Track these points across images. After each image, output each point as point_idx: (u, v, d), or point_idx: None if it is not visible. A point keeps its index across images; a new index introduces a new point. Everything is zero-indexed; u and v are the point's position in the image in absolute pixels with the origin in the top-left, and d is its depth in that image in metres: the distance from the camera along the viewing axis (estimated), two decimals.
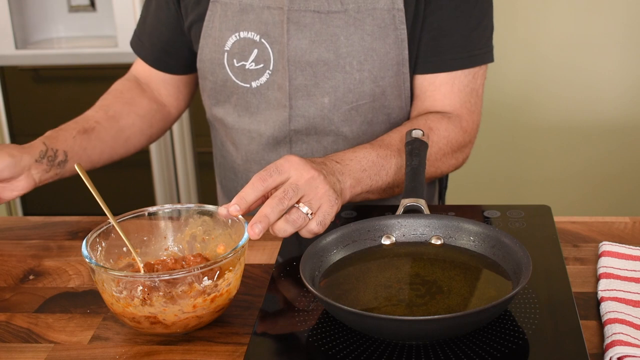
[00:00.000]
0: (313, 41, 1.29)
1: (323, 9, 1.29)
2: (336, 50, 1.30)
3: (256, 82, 1.34)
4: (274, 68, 1.32)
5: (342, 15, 1.29)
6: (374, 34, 1.29)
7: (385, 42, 1.29)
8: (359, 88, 1.31)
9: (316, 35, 1.29)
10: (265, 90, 1.34)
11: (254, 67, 1.33)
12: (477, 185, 2.68)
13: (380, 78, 1.31)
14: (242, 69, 1.34)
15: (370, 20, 1.28)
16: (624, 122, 2.59)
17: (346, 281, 0.98)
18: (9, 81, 2.65)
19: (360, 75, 1.30)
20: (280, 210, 1.00)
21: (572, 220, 1.21)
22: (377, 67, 1.30)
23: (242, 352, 0.92)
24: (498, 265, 0.99)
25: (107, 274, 0.94)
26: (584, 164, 2.65)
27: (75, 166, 1.03)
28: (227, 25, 1.33)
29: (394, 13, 1.28)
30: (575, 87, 2.56)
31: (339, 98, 1.32)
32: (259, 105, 1.35)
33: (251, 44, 1.32)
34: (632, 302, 0.96)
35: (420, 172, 1.13)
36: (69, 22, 2.71)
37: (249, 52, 1.32)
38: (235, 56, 1.34)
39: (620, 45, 2.51)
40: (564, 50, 2.53)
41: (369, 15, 1.28)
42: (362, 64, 1.30)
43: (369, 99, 1.32)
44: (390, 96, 1.33)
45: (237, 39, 1.32)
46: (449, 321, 0.85)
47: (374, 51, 1.29)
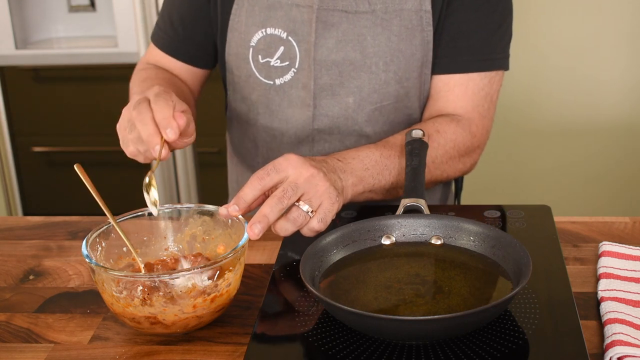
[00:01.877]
0: (340, 40, 1.29)
1: (351, 9, 1.29)
2: (363, 50, 1.30)
3: (280, 80, 1.33)
4: (299, 66, 1.32)
5: (370, 16, 1.29)
6: (400, 35, 1.29)
7: (412, 43, 1.29)
8: (384, 89, 1.31)
9: (343, 34, 1.29)
10: (289, 89, 1.33)
11: (279, 64, 1.32)
12: (477, 185, 2.68)
13: (405, 79, 1.31)
14: (267, 65, 1.33)
15: (398, 20, 1.28)
16: (625, 123, 2.59)
17: (346, 281, 0.98)
18: (9, 81, 2.65)
19: (386, 76, 1.30)
20: (280, 210, 1.00)
21: (572, 220, 1.21)
22: (402, 68, 1.30)
23: (242, 352, 0.92)
24: (498, 265, 0.99)
25: (107, 274, 0.94)
26: (584, 164, 2.65)
27: (75, 167, 1.03)
28: (254, 20, 1.32)
29: (421, 14, 1.28)
30: (575, 88, 2.56)
31: (364, 98, 1.32)
32: (281, 103, 1.34)
33: (277, 41, 1.31)
34: (632, 302, 0.96)
35: (420, 172, 1.13)
36: (68, 22, 2.71)
37: (275, 48, 1.32)
38: (260, 52, 1.33)
39: (621, 46, 2.51)
40: (565, 52, 2.53)
41: (396, 16, 1.28)
42: (388, 65, 1.30)
43: (393, 99, 1.32)
44: (413, 97, 1.33)
45: (264, 35, 1.32)
46: (449, 321, 0.85)
47: (400, 52, 1.29)
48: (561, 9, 2.49)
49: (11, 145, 2.70)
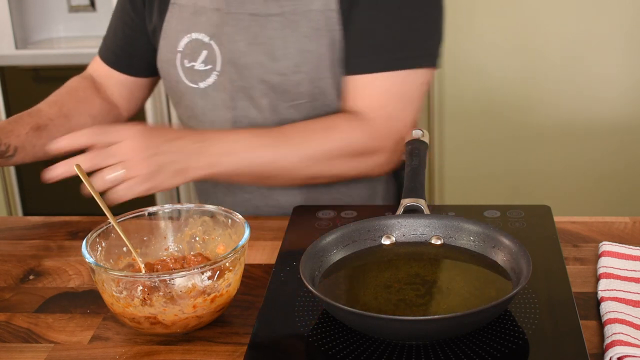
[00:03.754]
0: (249, 44, 1.31)
1: (261, 12, 1.30)
2: (272, 53, 1.30)
3: (204, 83, 1.35)
4: (221, 69, 1.33)
5: (279, 18, 1.29)
6: (309, 36, 1.29)
7: (321, 43, 1.29)
8: (297, 89, 1.31)
9: (253, 38, 1.30)
10: (212, 92, 1.35)
11: (202, 68, 1.34)
12: (477, 185, 2.68)
13: (317, 79, 1.31)
14: (192, 69, 1.35)
15: (306, 22, 1.28)
16: (625, 122, 2.59)
17: (346, 281, 0.98)
18: (9, 81, 2.64)
19: (298, 77, 1.31)
20: (92, 165, 1.12)
21: (572, 220, 1.21)
22: (313, 68, 1.30)
23: (242, 352, 0.92)
24: (498, 265, 0.99)
25: (107, 274, 0.94)
26: (584, 164, 2.65)
27: (74, 167, 1.03)
28: (182, 26, 1.35)
29: (327, 14, 1.28)
30: (575, 87, 2.56)
31: (279, 99, 1.32)
32: (205, 106, 1.37)
33: (201, 45, 1.34)
34: (632, 302, 0.96)
35: (420, 172, 1.13)
36: (69, 22, 2.71)
37: (198, 52, 1.34)
38: (186, 57, 1.35)
39: (621, 45, 2.51)
40: (565, 50, 2.53)
41: (303, 17, 1.28)
42: (298, 66, 1.30)
43: (309, 98, 1.32)
44: (331, 96, 1.32)
45: (190, 39, 1.34)
46: (449, 321, 0.85)
47: (309, 53, 1.29)
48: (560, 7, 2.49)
49: None
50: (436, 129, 2.60)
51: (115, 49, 1.47)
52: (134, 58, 1.46)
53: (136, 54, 1.45)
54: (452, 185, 2.69)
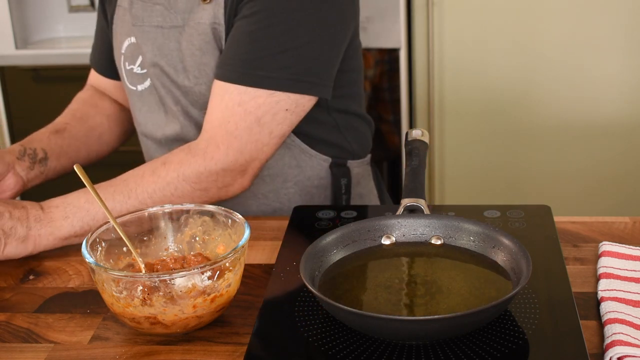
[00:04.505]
0: (155, 55, 1.33)
1: (166, 24, 1.32)
2: (175, 65, 1.32)
3: (141, 86, 1.38)
4: None
5: (180, 30, 1.31)
6: (202, 49, 1.30)
7: (213, 56, 1.29)
8: (202, 100, 1.32)
9: (158, 49, 1.33)
10: (148, 95, 1.38)
11: (139, 71, 1.37)
12: (477, 185, 2.68)
13: None
14: (131, 72, 1.38)
15: (197, 34, 1.29)
16: (625, 122, 2.59)
17: (346, 281, 0.98)
18: (9, 81, 2.64)
19: (199, 89, 1.32)
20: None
21: (572, 220, 1.21)
22: (211, 79, 1.31)
23: (242, 352, 0.92)
24: (498, 265, 0.99)
25: (107, 274, 0.94)
26: (584, 164, 2.65)
27: (74, 167, 1.03)
28: (124, 29, 1.38)
29: (214, 26, 1.28)
30: (575, 87, 2.56)
31: (190, 106, 1.34)
32: (142, 108, 1.40)
33: (138, 49, 1.36)
34: (632, 302, 0.96)
35: (420, 172, 1.13)
36: (69, 22, 2.71)
37: (136, 56, 1.37)
38: (127, 59, 1.39)
39: (621, 45, 2.51)
40: (564, 50, 2.53)
41: (195, 30, 1.29)
42: (197, 78, 1.31)
43: None
44: None
45: (129, 43, 1.37)
46: (449, 321, 0.85)
47: (205, 65, 1.30)
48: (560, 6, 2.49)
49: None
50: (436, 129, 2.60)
51: (100, 57, 1.51)
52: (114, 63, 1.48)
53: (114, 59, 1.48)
54: (452, 185, 2.69)
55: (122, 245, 1.03)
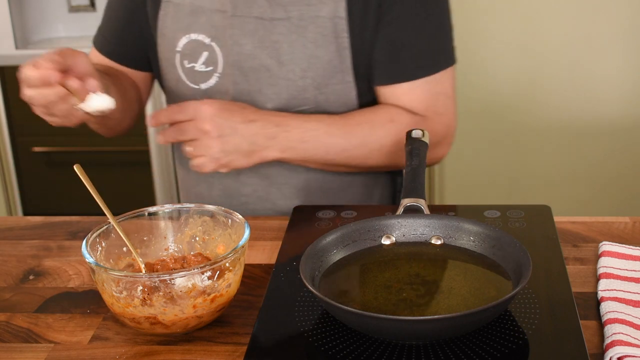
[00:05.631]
0: (256, 47, 1.31)
1: (266, 16, 1.30)
2: (279, 58, 1.30)
3: (205, 85, 1.35)
4: (222, 72, 1.33)
5: (285, 23, 1.29)
6: (316, 42, 1.29)
7: (328, 49, 1.29)
8: (302, 95, 1.32)
9: (259, 41, 1.30)
10: (214, 94, 1.35)
11: (203, 69, 1.34)
12: (477, 185, 2.68)
13: (323, 85, 1.31)
14: (192, 70, 1.35)
15: (313, 27, 1.29)
16: (625, 122, 2.59)
17: (346, 281, 0.98)
18: (9, 81, 2.64)
19: (303, 83, 1.31)
20: (173, 138, 1.25)
21: (572, 220, 1.21)
22: (320, 74, 1.30)
23: (242, 352, 0.92)
24: (498, 265, 0.99)
25: (107, 274, 0.94)
26: (584, 164, 2.65)
27: (74, 167, 1.03)
28: (179, 25, 1.34)
29: (336, 21, 1.28)
30: (575, 87, 2.56)
31: (283, 104, 1.33)
32: None
33: (201, 46, 1.33)
34: (632, 302, 0.96)
35: (420, 172, 1.13)
36: (69, 22, 2.71)
37: (199, 54, 1.34)
38: (186, 57, 1.35)
39: (621, 45, 2.51)
40: (565, 50, 2.53)
41: (311, 22, 1.29)
42: (304, 72, 1.30)
43: (313, 105, 1.33)
44: (335, 104, 1.33)
45: (189, 40, 1.34)
46: (449, 321, 0.85)
47: (316, 59, 1.30)
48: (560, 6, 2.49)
49: (11, 145, 2.70)
50: None
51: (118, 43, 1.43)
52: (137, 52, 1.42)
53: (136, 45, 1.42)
54: (452, 185, 2.69)
55: (122, 245, 1.03)
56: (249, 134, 1.24)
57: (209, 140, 1.23)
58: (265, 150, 1.26)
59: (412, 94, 1.32)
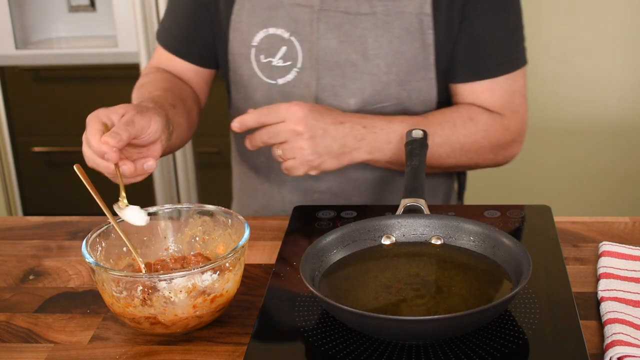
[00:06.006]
0: (342, 41, 1.30)
1: (352, 10, 1.29)
2: (364, 52, 1.30)
3: (283, 80, 1.34)
4: (302, 66, 1.32)
5: (371, 18, 1.29)
6: (402, 37, 1.29)
7: (413, 45, 1.30)
8: (386, 90, 1.32)
9: (345, 36, 1.30)
10: (292, 88, 1.34)
11: (281, 64, 1.33)
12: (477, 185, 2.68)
13: (406, 82, 1.31)
14: (269, 65, 1.33)
15: (399, 23, 1.29)
16: (625, 123, 2.59)
17: (346, 281, 0.98)
18: (9, 81, 2.64)
19: (388, 78, 1.31)
20: (263, 142, 1.22)
21: (572, 220, 1.21)
22: (404, 70, 1.30)
23: (242, 352, 0.92)
24: (498, 265, 0.99)
25: (107, 274, 0.94)
26: (584, 164, 2.65)
27: (74, 167, 1.03)
28: (256, 20, 1.33)
29: (421, 17, 1.29)
30: (576, 87, 2.56)
31: (366, 100, 1.32)
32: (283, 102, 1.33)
33: (280, 41, 1.32)
34: (632, 302, 0.96)
35: (420, 172, 1.14)
36: (69, 22, 2.71)
37: (277, 48, 1.32)
38: (262, 52, 1.33)
39: (622, 45, 2.51)
40: (565, 51, 2.53)
41: (397, 18, 1.29)
42: (389, 67, 1.30)
43: (395, 101, 1.33)
44: (415, 100, 1.33)
45: (266, 34, 1.32)
46: (449, 321, 0.85)
47: (401, 54, 1.30)
48: (561, 7, 2.49)
49: (11, 145, 2.70)
50: None
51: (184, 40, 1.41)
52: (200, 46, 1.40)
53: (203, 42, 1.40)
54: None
55: (122, 245, 1.03)
56: (340, 136, 1.22)
57: (302, 141, 1.20)
58: (354, 152, 1.25)
59: (492, 92, 1.34)
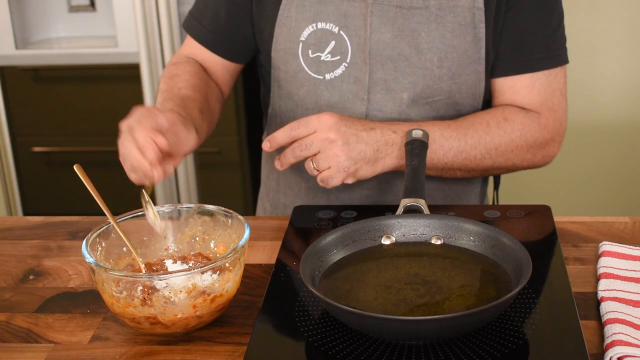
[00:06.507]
0: (395, 36, 1.30)
1: (405, 5, 1.29)
2: (417, 46, 1.30)
3: (330, 75, 1.33)
4: (351, 61, 1.32)
5: (423, 12, 1.29)
6: (454, 31, 1.29)
7: (465, 39, 1.30)
8: (437, 84, 1.32)
9: (399, 30, 1.30)
10: (340, 83, 1.33)
11: (329, 59, 1.32)
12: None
13: (457, 75, 1.31)
14: (317, 60, 1.33)
15: (451, 17, 1.29)
16: (625, 123, 2.59)
17: (346, 281, 0.98)
18: (9, 81, 2.64)
19: (440, 72, 1.31)
20: (296, 157, 1.21)
21: (572, 220, 1.21)
22: (455, 64, 1.31)
23: (242, 352, 0.92)
24: (498, 265, 0.99)
25: (107, 274, 0.94)
26: (584, 164, 2.65)
27: (74, 167, 1.03)
28: (304, 15, 1.32)
29: (474, 11, 1.29)
30: (575, 88, 2.56)
31: (418, 94, 1.32)
32: (331, 98, 1.34)
33: (329, 36, 1.32)
34: (632, 302, 0.96)
35: (420, 172, 1.14)
36: (69, 22, 2.71)
37: (325, 43, 1.32)
38: (310, 47, 1.33)
39: (621, 45, 2.51)
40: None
41: (450, 12, 1.29)
42: (442, 61, 1.30)
43: (445, 95, 1.33)
44: (465, 94, 1.33)
45: (314, 29, 1.32)
46: (449, 321, 0.85)
47: (453, 48, 1.30)
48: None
49: (11, 145, 2.70)
50: None
51: (216, 32, 1.41)
52: (234, 42, 1.41)
53: (237, 38, 1.40)
54: None
55: (122, 245, 1.03)
56: (372, 141, 1.22)
57: (336, 148, 1.19)
58: (387, 157, 1.23)
59: (532, 87, 1.33)
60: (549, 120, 1.33)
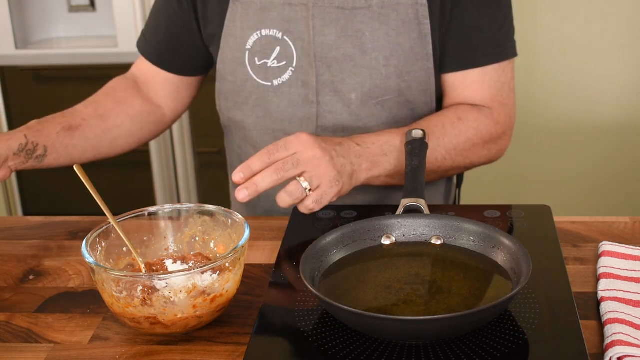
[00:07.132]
0: (339, 37, 1.30)
1: (347, 5, 1.30)
2: (362, 46, 1.30)
3: (278, 80, 1.34)
4: (297, 65, 1.32)
5: (366, 11, 1.29)
6: (398, 29, 1.30)
7: (410, 37, 1.30)
8: (385, 83, 1.32)
9: (342, 31, 1.30)
10: (288, 88, 1.34)
11: (276, 64, 1.33)
12: (477, 185, 2.68)
13: (405, 73, 1.32)
14: (264, 67, 1.34)
15: (395, 15, 1.29)
16: (624, 122, 2.59)
17: (346, 281, 0.98)
18: (9, 81, 2.65)
19: (387, 71, 1.31)
20: (274, 180, 1.10)
21: (572, 220, 1.21)
22: (402, 62, 1.31)
23: (242, 352, 0.92)
24: (498, 265, 0.99)
25: (107, 274, 0.94)
26: (584, 164, 2.65)
27: (74, 167, 1.03)
28: (249, 23, 1.33)
29: (417, 8, 1.29)
30: (575, 87, 2.56)
31: (366, 94, 1.32)
32: (280, 104, 1.35)
33: (273, 42, 1.32)
34: (632, 302, 0.96)
35: (420, 172, 1.14)
36: (69, 22, 2.72)
37: (271, 49, 1.33)
38: (256, 55, 1.33)
39: (620, 45, 2.51)
40: (565, 50, 2.53)
41: (393, 10, 1.29)
42: (388, 59, 1.31)
43: (395, 94, 1.33)
44: (416, 91, 1.33)
45: (259, 36, 1.33)
46: (449, 321, 0.85)
47: (399, 46, 1.30)
48: (560, 7, 2.49)
49: None
50: None
51: (158, 46, 1.44)
52: (179, 56, 1.43)
53: (182, 52, 1.43)
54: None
55: (122, 245, 1.03)
56: (345, 154, 1.19)
57: (324, 164, 1.14)
58: (359, 170, 1.21)
59: (482, 82, 1.34)
60: (501, 115, 1.35)
